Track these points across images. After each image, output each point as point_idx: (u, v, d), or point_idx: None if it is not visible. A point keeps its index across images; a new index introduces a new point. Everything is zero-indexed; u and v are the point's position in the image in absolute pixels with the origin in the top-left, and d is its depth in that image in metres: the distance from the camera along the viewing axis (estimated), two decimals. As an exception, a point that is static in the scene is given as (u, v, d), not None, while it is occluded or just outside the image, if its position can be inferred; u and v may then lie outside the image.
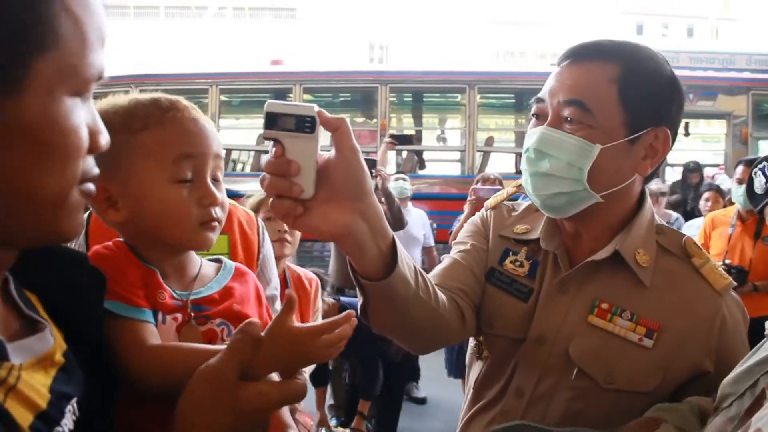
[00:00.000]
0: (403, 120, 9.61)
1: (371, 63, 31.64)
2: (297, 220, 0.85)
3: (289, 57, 9.39)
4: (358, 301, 1.05)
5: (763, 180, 1.83)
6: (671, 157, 7.50)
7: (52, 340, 0.68)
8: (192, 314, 1.01)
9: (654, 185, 5.90)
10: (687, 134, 8.37)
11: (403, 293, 1.00)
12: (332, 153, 0.85)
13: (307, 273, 2.74)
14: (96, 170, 0.66)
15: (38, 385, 0.63)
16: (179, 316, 1.00)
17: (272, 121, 0.81)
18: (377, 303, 1.02)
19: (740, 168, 4.45)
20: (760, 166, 1.85)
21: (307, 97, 8.24)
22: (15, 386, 0.60)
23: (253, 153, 8.50)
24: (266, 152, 2.16)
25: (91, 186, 0.65)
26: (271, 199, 0.84)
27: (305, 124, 0.81)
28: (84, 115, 0.63)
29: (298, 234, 2.49)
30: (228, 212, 1.10)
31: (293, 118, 0.81)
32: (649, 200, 1.26)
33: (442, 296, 1.16)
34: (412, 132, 5.62)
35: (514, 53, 35.21)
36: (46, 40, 0.57)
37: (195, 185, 1.00)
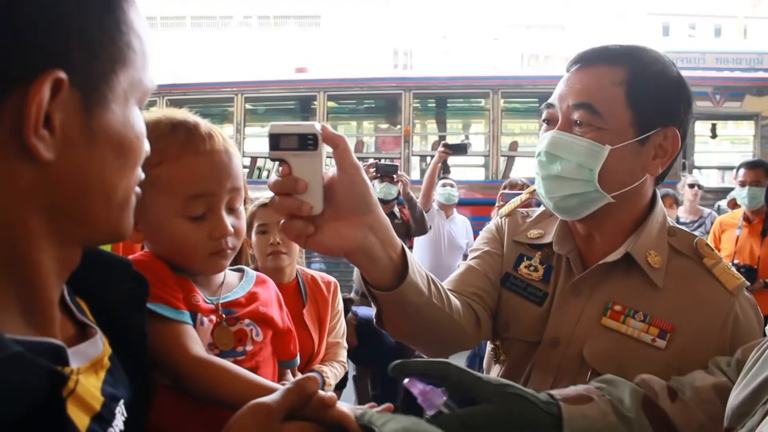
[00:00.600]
0: (427, 126, 9.63)
1: (396, 69, 31.68)
2: (309, 240, 0.87)
3: (313, 64, 9.45)
4: (372, 310, 1.09)
5: None
6: (699, 159, 7.46)
7: (101, 345, 0.73)
8: (224, 316, 1.06)
9: (690, 179, 5.89)
10: (714, 136, 8.28)
11: (415, 300, 1.03)
12: (335, 171, 0.87)
13: (323, 276, 2.55)
14: (143, 175, 0.71)
15: (92, 388, 0.67)
16: (214, 318, 1.05)
17: (276, 141, 0.84)
18: (391, 311, 1.06)
19: (742, 171, 4.51)
20: None
21: (331, 104, 8.29)
22: (74, 390, 0.63)
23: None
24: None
25: (139, 190, 0.71)
26: (281, 222, 0.87)
27: (308, 142, 0.83)
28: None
29: (294, 245, 2.32)
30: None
31: (296, 137, 0.84)
32: (660, 202, 1.28)
33: (456, 302, 1.19)
34: (466, 142, 5.53)
35: (539, 57, 35.03)
36: (125, 57, 0.64)
37: (207, 219, 1.04)
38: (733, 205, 5.34)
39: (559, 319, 1.24)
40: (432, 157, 8.28)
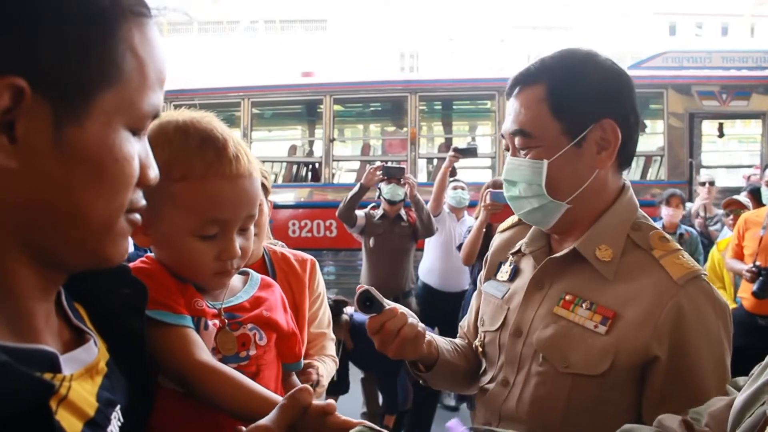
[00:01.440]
0: (434, 128, 9.63)
1: (402, 72, 31.70)
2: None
3: (319, 68, 9.48)
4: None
5: None
6: (706, 159, 7.40)
7: (96, 350, 0.73)
8: (226, 321, 1.07)
9: (704, 176, 5.87)
10: (721, 135, 8.25)
11: (443, 372, 1.45)
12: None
13: (297, 253, 2.09)
14: (143, 202, 0.70)
15: (86, 393, 0.67)
16: (218, 322, 1.06)
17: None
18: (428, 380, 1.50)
19: None
20: None
21: (337, 107, 8.30)
22: (66, 396, 0.64)
23: (285, 164, 8.60)
24: (296, 163, 4.87)
25: (138, 216, 0.70)
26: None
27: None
28: (137, 149, 0.67)
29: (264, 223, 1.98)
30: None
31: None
32: (629, 196, 1.31)
33: (469, 352, 1.54)
34: (474, 145, 5.48)
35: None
36: (111, 75, 0.62)
37: (218, 240, 1.03)
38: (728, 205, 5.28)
39: (523, 311, 1.35)
40: (439, 159, 8.30)
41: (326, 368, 2.02)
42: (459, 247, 4.64)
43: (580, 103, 1.22)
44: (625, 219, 1.28)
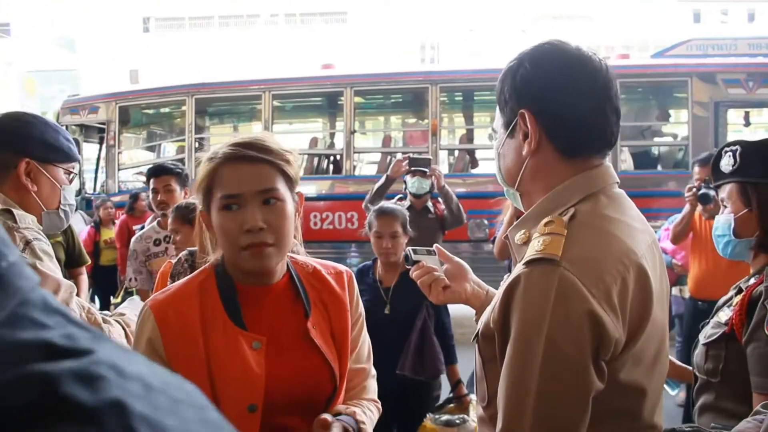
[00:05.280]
0: (455, 119, 9.59)
1: (423, 63, 31.61)
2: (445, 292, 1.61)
3: (340, 61, 9.47)
4: None
5: (732, 162, 1.94)
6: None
7: None
8: None
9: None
10: (748, 124, 8.13)
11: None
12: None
13: (330, 265, 1.63)
14: None
15: None
16: None
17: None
18: None
19: None
20: (733, 147, 1.96)
21: (358, 99, 8.30)
22: None
23: (306, 156, 8.63)
24: (317, 155, 5.04)
25: None
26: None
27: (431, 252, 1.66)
28: None
29: (287, 230, 1.53)
30: None
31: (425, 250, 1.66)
32: (565, 185, 1.27)
33: None
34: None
35: (566, 47, 34.58)
36: None
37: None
38: None
39: None
40: (460, 150, 8.28)
41: (370, 416, 1.57)
42: (493, 241, 4.59)
43: (508, 95, 1.31)
44: (551, 208, 1.26)
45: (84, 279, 4.05)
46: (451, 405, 3.39)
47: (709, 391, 1.86)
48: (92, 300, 6.91)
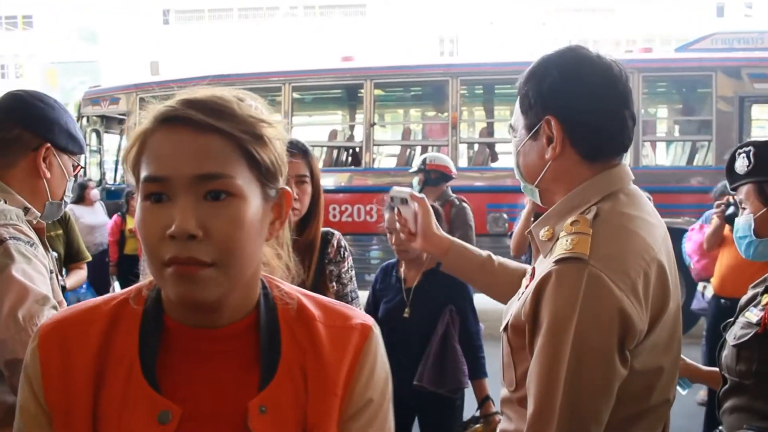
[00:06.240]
0: (475, 113, 9.55)
1: (441, 56, 31.50)
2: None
3: (359, 53, 9.45)
4: None
5: (746, 162, 1.96)
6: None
7: None
8: None
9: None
10: (773, 120, 8.03)
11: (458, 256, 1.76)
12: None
13: (341, 312, 1.01)
14: None
15: None
16: None
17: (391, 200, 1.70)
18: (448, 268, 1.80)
19: None
20: (746, 149, 1.97)
21: (378, 92, 8.28)
22: None
23: (325, 149, 8.62)
24: (337, 148, 5.30)
25: None
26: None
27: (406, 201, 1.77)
28: None
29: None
30: None
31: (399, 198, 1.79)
32: (584, 186, 1.35)
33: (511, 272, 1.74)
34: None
35: (588, 41, 34.41)
36: None
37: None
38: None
39: None
40: (480, 144, 8.24)
41: None
42: (510, 236, 4.56)
43: (533, 99, 1.37)
44: (574, 206, 1.33)
45: (80, 273, 4.05)
46: (478, 426, 2.98)
47: (741, 393, 1.84)
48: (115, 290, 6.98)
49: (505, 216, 7.11)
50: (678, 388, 1.84)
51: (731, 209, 4.27)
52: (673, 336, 1.32)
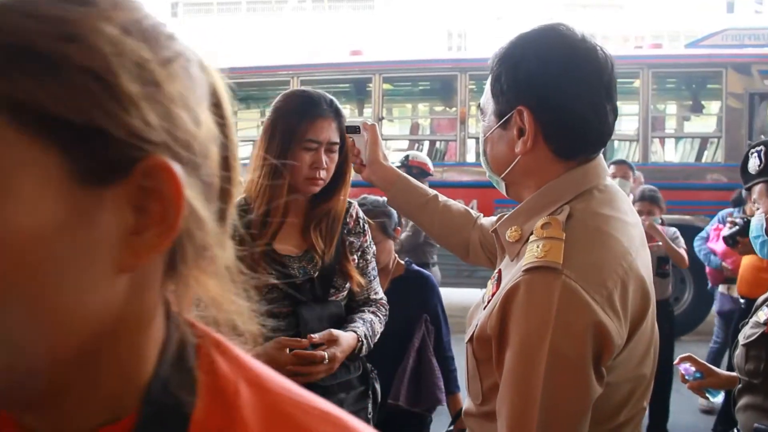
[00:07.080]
0: (483, 108, 9.50)
1: (450, 51, 31.39)
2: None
3: (368, 47, 9.44)
4: None
5: (758, 162, 1.94)
6: None
7: None
8: None
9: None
10: (784, 116, 7.97)
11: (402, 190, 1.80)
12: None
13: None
14: None
15: None
16: None
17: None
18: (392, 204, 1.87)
19: None
20: (758, 148, 1.96)
21: (386, 86, 8.27)
22: None
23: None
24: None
25: None
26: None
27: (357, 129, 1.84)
28: None
29: None
30: None
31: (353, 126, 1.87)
32: (553, 184, 1.24)
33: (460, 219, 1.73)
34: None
35: (596, 36, 34.17)
36: None
37: None
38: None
39: None
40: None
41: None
42: None
43: (509, 86, 1.24)
44: (544, 204, 1.22)
45: None
46: None
47: (751, 392, 1.84)
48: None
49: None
50: (708, 395, 1.85)
51: (734, 230, 3.99)
52: (650, 344, 1.23)
